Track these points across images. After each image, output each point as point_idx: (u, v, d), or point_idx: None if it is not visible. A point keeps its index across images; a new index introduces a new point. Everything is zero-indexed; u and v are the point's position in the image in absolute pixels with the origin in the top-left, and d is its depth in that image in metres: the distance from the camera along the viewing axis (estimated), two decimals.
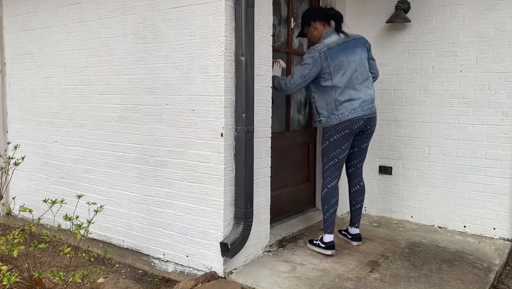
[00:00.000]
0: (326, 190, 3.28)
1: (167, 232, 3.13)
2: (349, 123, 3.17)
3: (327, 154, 3.27)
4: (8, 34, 4.26)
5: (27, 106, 4.14)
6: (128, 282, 3.02)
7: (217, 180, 2.82)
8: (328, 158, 3.27)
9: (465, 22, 3.76)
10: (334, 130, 3.20)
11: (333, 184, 3.27)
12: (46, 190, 4.01)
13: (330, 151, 3.25)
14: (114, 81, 3.36)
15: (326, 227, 3.26)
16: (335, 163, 3.26)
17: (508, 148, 3.63)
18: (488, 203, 3.74)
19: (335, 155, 3.24)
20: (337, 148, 3.23)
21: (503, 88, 3.62)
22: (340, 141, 3.21)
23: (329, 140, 3.24)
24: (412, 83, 4.05)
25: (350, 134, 3.21)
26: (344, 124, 3.18)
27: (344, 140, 3.22)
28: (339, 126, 3.19)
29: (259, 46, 2.95)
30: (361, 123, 3.21)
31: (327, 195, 3.27)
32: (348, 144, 3.26)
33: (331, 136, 3.22)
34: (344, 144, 3.23)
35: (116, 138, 3.39)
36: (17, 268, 2.66)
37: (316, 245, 3.30)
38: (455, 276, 2.90)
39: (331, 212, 3.26)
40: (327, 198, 3.26)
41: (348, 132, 3.20)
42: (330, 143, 3.23)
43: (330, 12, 3.35)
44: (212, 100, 2.81)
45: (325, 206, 3.27)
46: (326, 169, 3.29)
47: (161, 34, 3.03)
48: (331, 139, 3.22)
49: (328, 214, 3.26)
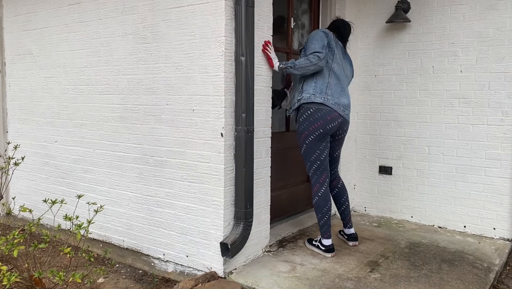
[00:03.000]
0: (317, 198, 3.21)
1: (167, 232, 3.13)
2: (323, 122, 3.08)
3: (307, 156, 3.19)
4: (8, 34, 4.26)
5: (27, 106, 4.14)
6: (128, 282, 3.02)
7: (217, 180, 2.82)
8: (310, 161, 3.18)
9: (465, 22, 3.76)
10: (307, 132, 3.11)
11: (323, 190, 3.20)
12: (46, 190, 4.01)
13: (310, 154, 3.17)
14: (114, 81, 3.36)
15: (324, 232, 3.23)
16: (318, 166, 3.18)
17: (508, 148, 3.63)
18: (488, 203, 3.74)
19: (316, 157, 3.16)
20: (315, 150, 3.15)
21: (503, 88, 3.62)
22: (316, 142, 3.13)
23: (305, 142, 3.15)
24: (412, 83, 4.05)
25: (324, 134, 3.12)
26: (318, 123, 3.08)
27: (320, 141, 3.14)
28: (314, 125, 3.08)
29: (259, 46, 2.95)
30: (336, 123, 3.14)
31: (319, 202, 3.20)
32: (325, 143, 3.17)
33: (306, 138, 3.13)
34: (321, 145, 3.15)
35: (116, 138, 3.39)
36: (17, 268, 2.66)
37: (315, 246, 3.29)
38: (455, 276, 2.90)
39: (326, 218, 3.21)
40: (319, 206, 3.20)
41: (322, 132, 3.11)
42: (307, 145, 3.16)
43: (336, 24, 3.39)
44: (212, 100, 2.81)
45: (318, 213, 3.22)
46: (312, 173, 3.22)
47: (161, 34, 3.03)
48: (307, 141, 3.14)
49: (323, 220, 3.22)
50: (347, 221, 3.45)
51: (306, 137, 3.14)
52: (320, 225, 3.24)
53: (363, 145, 4.39)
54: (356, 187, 4.47)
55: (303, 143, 3.18)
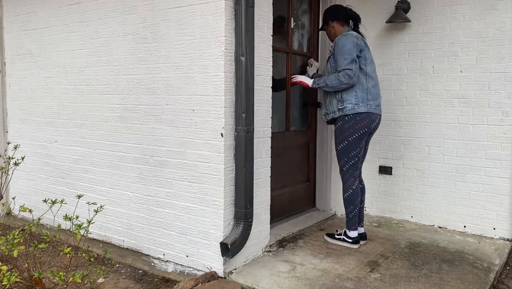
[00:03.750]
0: (350, 192, 3.33)
1: (167, 232, 3.13)
2: (368, 121, 3.22)
3: (346, 153, 3.29)
4: (8, 34, 4.26)
5: (27, 106, 4.14)
6: (128, 282, 3.02)
7: (217, 180, 2.82)
8: (348, 158, 3.29)
9: (465, 22, 3.76)
10: (353, 129, 3.22)
11: (356, 185, 3.34)
12: (46, 190, 4.01)
13: (350, 150, 3.27)
14: (114, 81, 3.36)
15: (352, 224, 3.36)
16: (355, 162, 3.31)
17: (508, 148, 3.63)
18: (488, 203, 3.73)
19: (355, 154, 3.29)
20: (356, 147, 3.27)
21: (503, 88, 3.62)
22: (358, 140, 3.26)
23: (347, 140, 3.26)
24: (412, 83, 4.05)
25: (367, 133, 3.27)
26: (366, 121, 3.21)
27: (362, 139, 3.28)
28: (362, 122, 3.20)
29: (259, 46, 2.95)
30: (377, 122, 3.31)
31: (352, 196, 3.33)
32: (363, 142, 3.32)
33: (350, 136, 3.24)
34: (361, 142, 3.29)
35: (116, 138, 3.39)
36: (17, 268, 2.66)
37: (340, 239, 3.40)
38: (455, 276, 2.90)
39: (356, 211, 3.35)
40: (352, 199, 3.34)
41: (367, 130, 3.26)
42: (349, 142, 3.26)
43: (349, 13, 3.43)
44: (212, 100, 2.81)
45: (350, 206, 3.34)
46: (347, 169, 3.32)
47: (161, 34, 3.03)
48: (350, 139, 3.25)
49: (353, 214, 3.35)
50: (361, 220, 3.52)
51: (351, 134, 3.24)
52: (349, 218, 3.36)
53: None
54: None
55: (345, 139, 3.26)
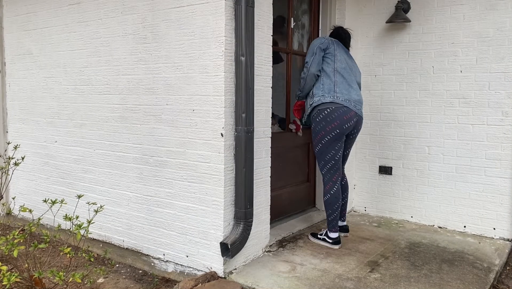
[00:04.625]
0: (329, 196, 3.34)
1: (167, 232, 3.13)
2: (339, 122, 3.16)
3: (322, 155, 3.30)
4: (8, 34, 4.26)
5: (27, 106, 4.14)
6: (128, 282, 3.02)
7: (217, 180, 2.82)
8: (325, 160, 3.30)
9: (465, 22, 3.76)
10: (324, 132, 3.20)
11: (335, 189, 3.33)
12: (46, 190, 4.01)
13: (325, 153, 3.27)
14: (114, 81, 3.36)
15: (332, 226, 3.37)
16: (332, 165, 3.30)
17: (508, 148, 3.63)
18: (488, 203, 3.74)
19: (331, 157, 3.27)
20: (331, 149, 3.25)
21: (503, 88, 3.62)
22: (332, 142, 3.23)
23: (321, 142, 3.26)
24: (412, 83, 4.05)
25: (340, 134, 3.21)
26: (335, 123, 3.16)
27: (337, 141, 3.24)
28: (330, 125, 3.16)
29: (259, 46, 2.95)
30: (352, 123, 3.23)
31: (331, 200, 3.33)
32: (340, 144, 3.28)
33: (323, 138, 3.23)
34: (337, 144, 3.25)
35: (116, 138, 3.39)
36: (17, 268, 2.66)
37: (321, 239, 3.42)
38: (455, 276, 2.90)
39: (335, 214, 3.36)
40: (331, 203, 3.33)
41: (339, 132, 3.20)
42: (323, 145, 3.26)
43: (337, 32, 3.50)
44: (212, 100, 2.81)
45: (329, 210, 3.35)
46: (325, 172, 3.33)
47: (161, 34, 3.03)
48: (323, 141, 3.24)
49: (333, 216, 3.36)
50: (342, 215, 3.61)
51: (323, 137, 3.23)
52: (329, 220, 3.37)
53: (363, 145, 4.39)
54: (356, 187, 4.47)
55: (319, 142, 3.27)
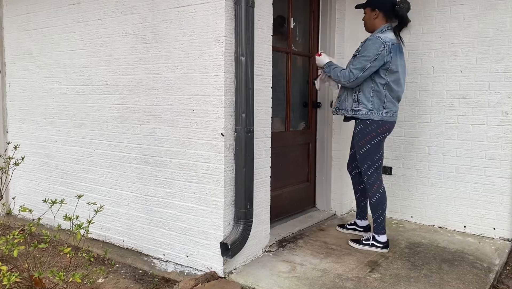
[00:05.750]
0: (378, 195, 3.29)
1: (167, 232, 3.13)
2: (390, 126, 3.23)
3: (370, 156, 3.27)
4: (8, 34, 4.26)
5: (27, 106, 4.14)
6: (128, 282, 3.02)
7: (217, 180, 2.82)
8: (373, 161, 3.27)
9: (465, 22, 3.76)
10: (375, 133, 3.20)
11: (383, 188, 3.32)
12: (46, 190, 4.01)
13: (374, 154, 3.26)
14: (114, 81, 3.36)
15: (381, 228, 3.32)
16: (379, 166, 3.30)
17: (508, 148, 3.63)
18: (488, 203, 3.73)
19: (379, 157, 3.28)
20: (379, 150, 3.27)
21: (503, 88, 3.62)
22: (380, 143, 3.26)
23: (370, 143, 3.23)
24: (412, 83, 4.05)
25: (386, 137, 3.28)
26: (386, 127, 3.21)
27: (382, 142, 3.28)
28: (382, 128, 3.20)
29: (259, 46, 2.95)
30: (392, 128, 3.31)
31: (381, 199, 3.30)
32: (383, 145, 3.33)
33: (373, 139, 3.22)
34: (383, 145, 3.29)
35: (116, 138, 3.39)
36: (17, 268, 2.66)
37: (369, 244, 3.34)
38: (455, 276, 2.90)
39: (384, 215, 3.32)
40: (381, 202, 3.30)
41: (387, 134, 3.27)
42: (372, 146, 3.24)
43: (400, 12, 3.17)
44: (212, 100, 2.81)
45: (379, 210, 3.30)
46: (372, 172, 3.29)
47: (161, 34, 3.03)
48: (373, 142, 3.23)
49: (383, 217, 3.31)
50: (365, 214, 3.68)
51: (373, 138, 3.22)
52: (378, 222, 3.32)
53: None
54: None
55: (368, 143, 3.24)
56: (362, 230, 3.68)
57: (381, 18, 3.26)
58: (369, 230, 3.65)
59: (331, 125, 4.19)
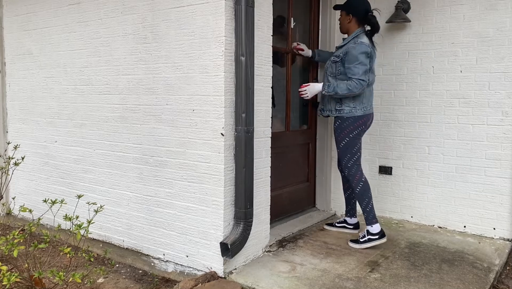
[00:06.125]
0: (361, 184, 3.39)
1: (167, 232, 3.13)
2: (366, 118, 3.38)
3: (349, 149, 3.40)
4: (8, 34, 4.26)
5: (27, 106, 4.14)
6: (128, 282, 3.02)
7: (217, 180, 2.82)
8: (352, 153, 3.40)
9: (465, 22, 3.76)
10: (353, 126, 3.36)
11: (365, 177, 3.43)
12: (46, 190, 4.01)
13: (353, 146, 3.40)
14: (114, 81, 3.36)
15: (372, 217, 3.38)
16: (358, 157, 3.42)
17: (508, 148, 3.63)
18: (488, 203, 3.73)
19: (358, 149, 3.41)
20: (357, 142, 3.40)
21: (503, 88, 3.62)
22: (358, 135, 3.39)
23: (348, 136, 3.38)
24: (412, 83, 4.05)
25: (365, 130, 3.42)
26: (363, 120, 3.37)
27: (360, 135, 3.42)
28: (359, 120, 3.35)
29: (259, 46, 2.95)
30: (371, 120, 3.46)
31: (365, 188, 3.40)
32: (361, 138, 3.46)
33: (350, 132, 3.37)
34: (360, 138, 3.43)
35: (116, 138, 3.39)
36: (17, 268, 2.66)
37: (367, 240, 3.36)
38: (455, 276, 2.90)
39: (372, 203, 3.40)
40: (366, 191, 3.39)
41: (365, 128, 3.41)
42: (351, 139, 3.38)
43: (372, 20, 3.41)
44: (212, 100, 2.81)
45: (365, 199, 3.39)
46: (352, 163, 3.41)
47: (161, 34, 3.03)
48: (351, 135, 3.38)
49: (370, 206, 3.39)
50: (355, 211, 3.76)
51: (351, 131, 3.38)
52: (367, 211, 3.38)
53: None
54: None
55: (346, 136, 3.39)
56: (352, 227, 3.76)
57: (354, 23, 3.46)
58: (359, 228, 3.73)
59: (331, 125, 4.19)
